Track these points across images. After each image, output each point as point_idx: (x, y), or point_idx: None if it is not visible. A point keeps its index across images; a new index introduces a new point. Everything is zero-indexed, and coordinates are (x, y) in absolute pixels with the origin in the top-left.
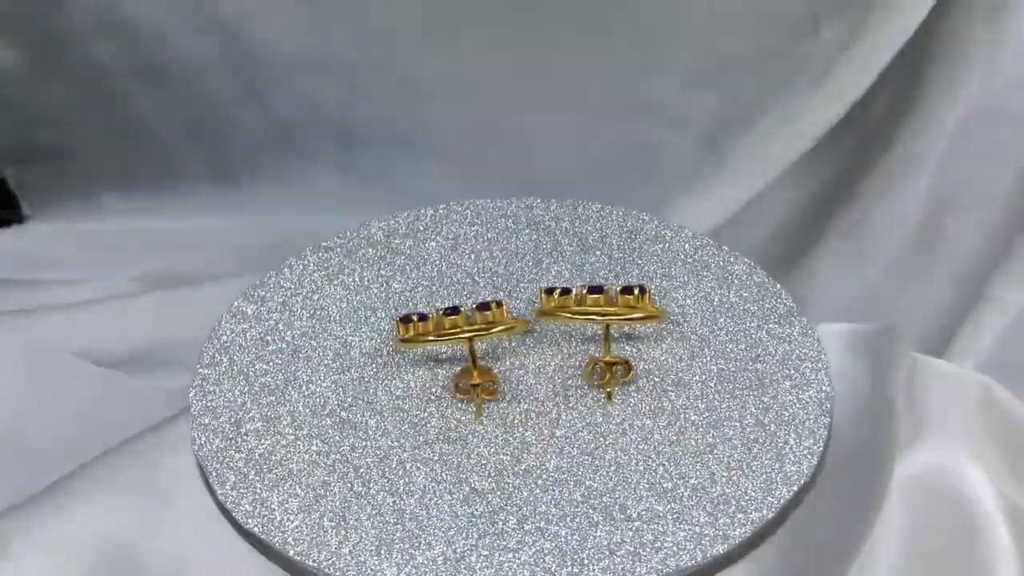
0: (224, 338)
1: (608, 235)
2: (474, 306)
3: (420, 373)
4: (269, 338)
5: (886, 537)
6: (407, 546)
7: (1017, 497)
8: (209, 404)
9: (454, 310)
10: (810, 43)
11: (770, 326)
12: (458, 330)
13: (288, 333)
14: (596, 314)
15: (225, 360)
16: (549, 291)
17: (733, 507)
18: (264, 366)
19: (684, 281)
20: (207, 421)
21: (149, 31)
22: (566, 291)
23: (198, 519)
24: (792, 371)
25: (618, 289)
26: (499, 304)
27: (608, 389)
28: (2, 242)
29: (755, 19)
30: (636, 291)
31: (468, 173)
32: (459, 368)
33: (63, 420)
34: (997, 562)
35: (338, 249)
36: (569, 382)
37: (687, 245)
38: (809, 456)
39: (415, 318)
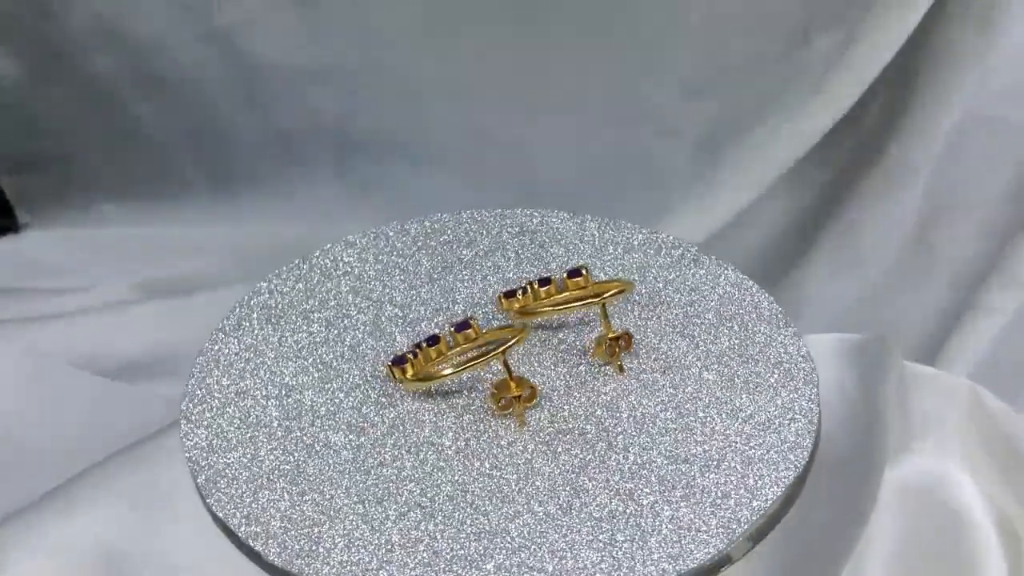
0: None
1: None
2: (451, 329)
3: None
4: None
5: (875, 543)
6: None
7: (1006, 505)
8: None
9: (465, 324)
10: (805, 50)
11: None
12: (481, 351)
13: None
14: (577, 299)
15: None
16: (509, 295)
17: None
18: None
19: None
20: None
21: (148, 40)
22: (523, 289)
23: (196, 528)
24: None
25: (564, 276)
26: (470, 321)
27: (619, 363)
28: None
29: (752, 26)
30: (583, 271)
31: (467, 180)
32: (491, 384)
33: (62, 427)
34: (986, 570)
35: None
36: (573, 371)
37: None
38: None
39: (410, 355)
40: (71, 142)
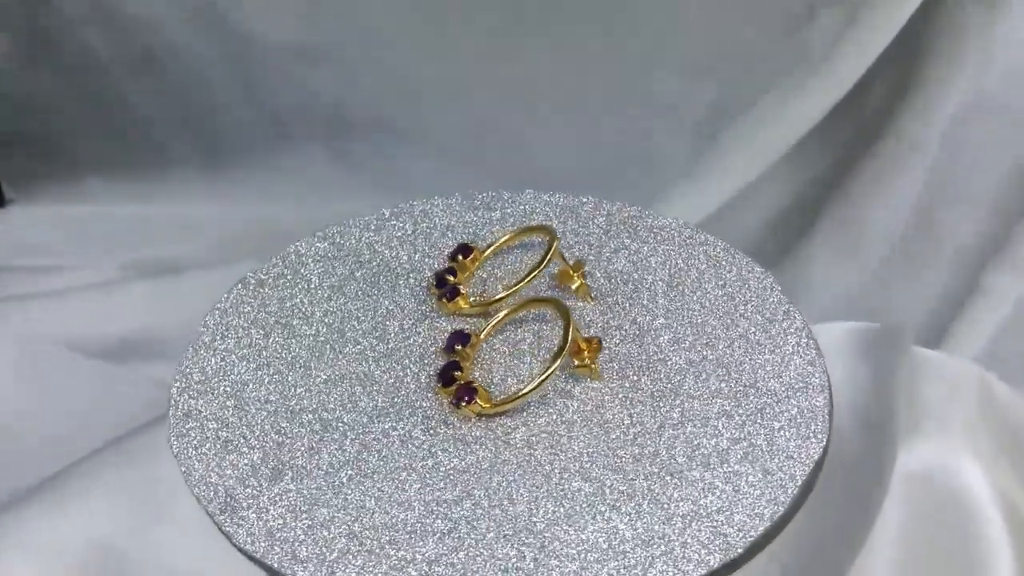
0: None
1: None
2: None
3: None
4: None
5: (884, 531)
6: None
7: (1014, 492)
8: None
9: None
10: (806, 33)
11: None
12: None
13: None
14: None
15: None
16: (441, 285)
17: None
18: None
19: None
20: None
21: (138, 17)
22: (450, 271)
23: (187, 524)
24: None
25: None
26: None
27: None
28: None
29: (752, 9)
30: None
31: (462, 162)
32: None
33: (49, 410)
34: (993, 556)
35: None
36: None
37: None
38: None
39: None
40: (59, 119)
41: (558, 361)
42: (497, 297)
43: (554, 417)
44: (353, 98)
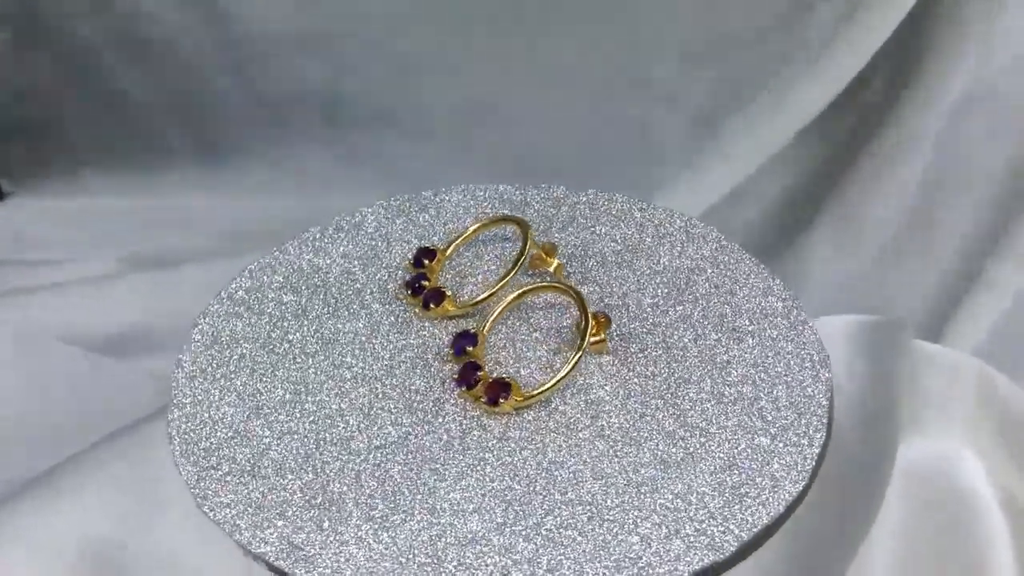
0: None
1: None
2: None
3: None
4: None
5: (883, 523)
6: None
7: (1014, 484)
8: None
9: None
10: (806, 23)
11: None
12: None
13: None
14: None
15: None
16: (417, 292)
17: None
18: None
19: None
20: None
21: (133, 5)
22: (419, 279)
23: (184, 518)
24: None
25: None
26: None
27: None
28: None
29: (752, 0)
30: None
31: (460, 152)
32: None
33: (46, 403)
34: (992, 548)
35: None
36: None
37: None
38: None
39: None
40: (57, 112)
41: (586, 339)
42: (485, 295)
43: (582, 398)
44: (351, 88)
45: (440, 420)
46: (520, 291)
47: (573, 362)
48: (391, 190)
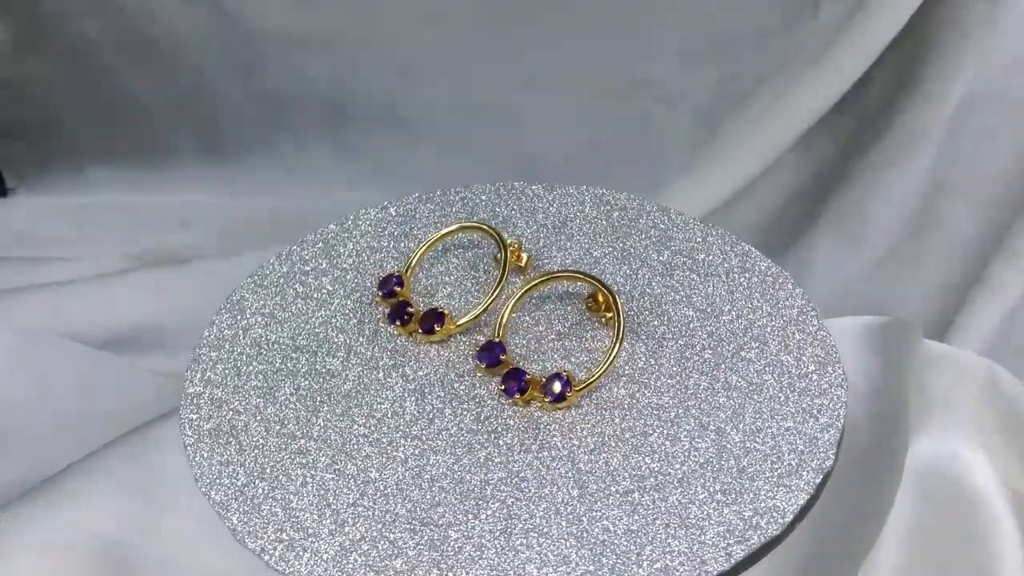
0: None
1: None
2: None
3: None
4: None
5: (892, 524)
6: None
7: (1021, 483)
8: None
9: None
10: (809, 22)
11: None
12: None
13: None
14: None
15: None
16: (404, 321)
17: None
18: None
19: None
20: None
21: (137, 3)
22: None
23: (192, 519)
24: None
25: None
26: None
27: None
28: None
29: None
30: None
31: (462, 151)
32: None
33: (50, 402)
34: (1001, 547)
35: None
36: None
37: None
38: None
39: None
40: (61, 109)
41: (622, 325)
42: (485, 305)
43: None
44: (354, 86)
45: (503, 429)
46: (525, 288)
47: (617, 348)
48: (394, 189)
